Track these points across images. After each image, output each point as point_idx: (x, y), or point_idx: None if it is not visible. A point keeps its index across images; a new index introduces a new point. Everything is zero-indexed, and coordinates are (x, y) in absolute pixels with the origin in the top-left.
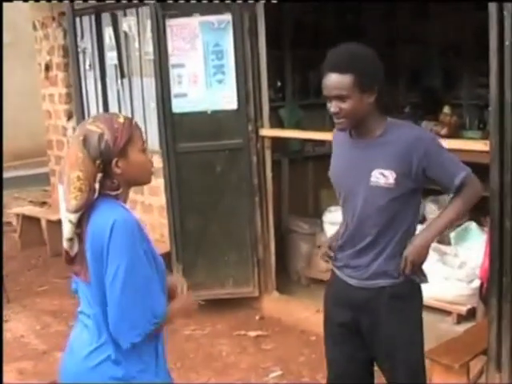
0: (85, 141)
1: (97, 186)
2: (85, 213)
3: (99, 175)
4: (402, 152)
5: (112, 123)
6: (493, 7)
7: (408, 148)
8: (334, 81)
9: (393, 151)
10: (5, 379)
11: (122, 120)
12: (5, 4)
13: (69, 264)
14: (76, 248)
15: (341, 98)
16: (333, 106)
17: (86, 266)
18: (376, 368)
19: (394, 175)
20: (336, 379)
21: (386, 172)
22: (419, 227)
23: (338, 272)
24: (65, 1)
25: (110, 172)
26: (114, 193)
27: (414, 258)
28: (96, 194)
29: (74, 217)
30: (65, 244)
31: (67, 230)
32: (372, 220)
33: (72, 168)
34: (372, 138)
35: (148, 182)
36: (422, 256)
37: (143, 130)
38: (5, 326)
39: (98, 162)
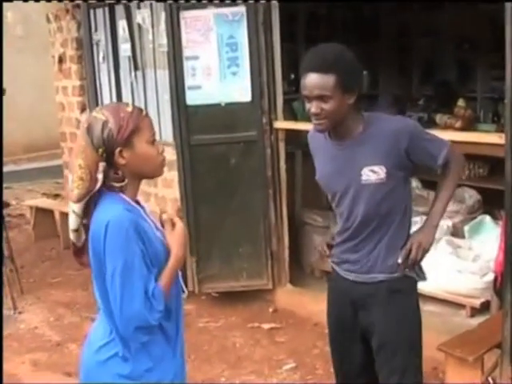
0: (88, 128)
1: (100, 176)
2: (90, 204)
3: (102, 164)
4: (387, 145)
5: (118, 112)
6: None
7: (392, 140)
8: (316, 81)
9: (378, 146)
10: (18, 370)
11: (129, 109)
12: None
13: (76, 255)
14: (82, 239)
15: (322, 99)
16: (313, 107)
17: (88, 256)
18: None
19: (385, 169)
20: (344, 379)
21: (376, 168)
22: None
23: (336, 268)
24: None
25: (113, 162)
26: (118, 184)
27: (421, 243)
28: (99, 184)
29: (77, 207)
30: (71, 235)
31: (72, 221)
32: (368, 215)
33: (76, 156)
34: (353, 137)
35: (158, 174)
36: (429, 245)
37: (156, 122)
38: (19, 317)
39: (100, 150)
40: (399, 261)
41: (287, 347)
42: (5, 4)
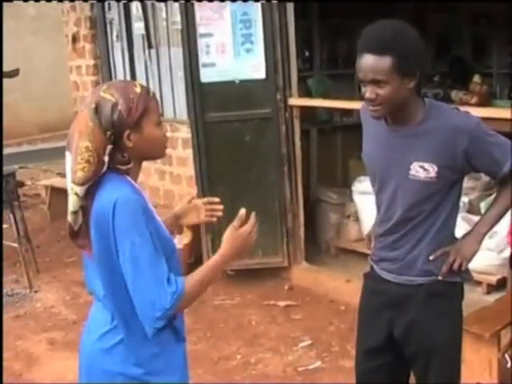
0: (97, 109)
1: (106, 158)
2: (92, 186)
3: (109, 147)
4: (443, 143)
5: (128, 92)
6: None
7: (450, 139)
8: (370, 63)
9: (433, 142)
10: (35, 349)
11: (138, 90)
12: None
13: (72, 238)
14: (80, 221)
15: (378, 83)
16: (368, 92)
17: (90, 241)
18: None
19: (436, 169)
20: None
21: (427, 165)
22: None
23: (374, 266)
24: None
25: (120, 145)
26: (124, 167)
27: (464, 254)
28: (105, 167)
29: (80, 189)
30: (69, 217)
31: (73, 203)
32: (408, 212)
33: (81, 137)
34: (410, 126)
35: (161, 156)
36: (474, 252)
37: (171, 100)
38: (35, 296)
39: (108, 133)
40: (430, 258)
41: (303, 324)
42: None
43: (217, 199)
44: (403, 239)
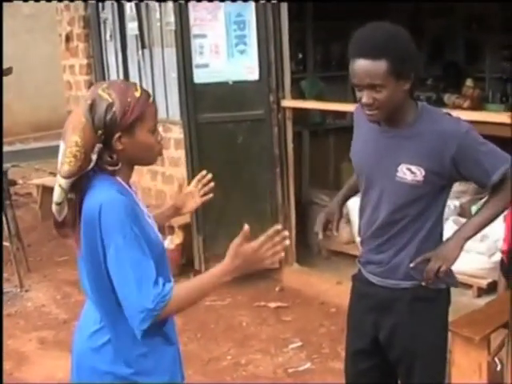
0: (92, 106)
1: (94, 157)
2: (79, 182)
3: (98, 146)
4: (431, 148)
5: (126, 95)
6: None
7: (438, 144)
8: (365, 68)
9: (422, 145)
10: (26, 348)
11: (138, 94)
12: None
13: (57, 228)
14: (64, 213)
15: (374, 88)
16: (365, 97)
17: (78, 234)
18: None
19: (423, 172)
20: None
21: (414, 168)
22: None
23: (362, 268)
24: None
25: (110, 146)
26: (110, 168)
27: (445, 259)
28: (92, 165)
29: (64, 182)
30: (53, 207)
31: (57, 194)
32: (394, 216)
33: (73, 131)
34: (401, 128)
35: (152, 163)
36: (453, 258)
37: (164, 101)
38: (25, 295)
39: (100, 132)
40: (411, 265)
41: (293, 326)
42: None
43: (203, 172)
44: (388, 243)
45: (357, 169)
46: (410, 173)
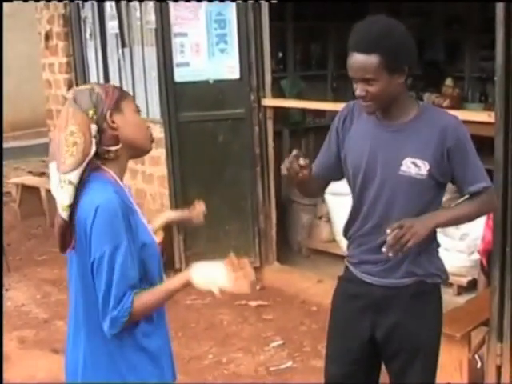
0: (75, 97)
1: (93, 140)
2: (85, 173)
3: (94, 127)
4: (435, 140)
5: (102, 85)
6: None
7: (441, 136)
8: (358, 62)
9: (426, 139)
10: (6, 348)
11: (112, 85)
12: None
13: (63, 238)
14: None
15: (367, 81)
16: (359, 89)
17: (74, 236)
18: None
19: (428, 166)
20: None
21: (419, 161)
22: None
23: (353, 269)
24: None
25: (105, 128)
26: (113, 148)
27: (415, 232)
28: (94, 148)
29: (74, 175)
30: (63, 213)
31: (69, 195)
32: (396, 213)
33: (64, 127)
34: (403, 122)
35: (148, 147)
36: (421, 237)
37: (144, 99)
38: (6, 294)
39: (91, 112)
40: (387, 231)
41: (275, 324)
42: None
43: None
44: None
45: (351, 167)
46: (414, 166)
